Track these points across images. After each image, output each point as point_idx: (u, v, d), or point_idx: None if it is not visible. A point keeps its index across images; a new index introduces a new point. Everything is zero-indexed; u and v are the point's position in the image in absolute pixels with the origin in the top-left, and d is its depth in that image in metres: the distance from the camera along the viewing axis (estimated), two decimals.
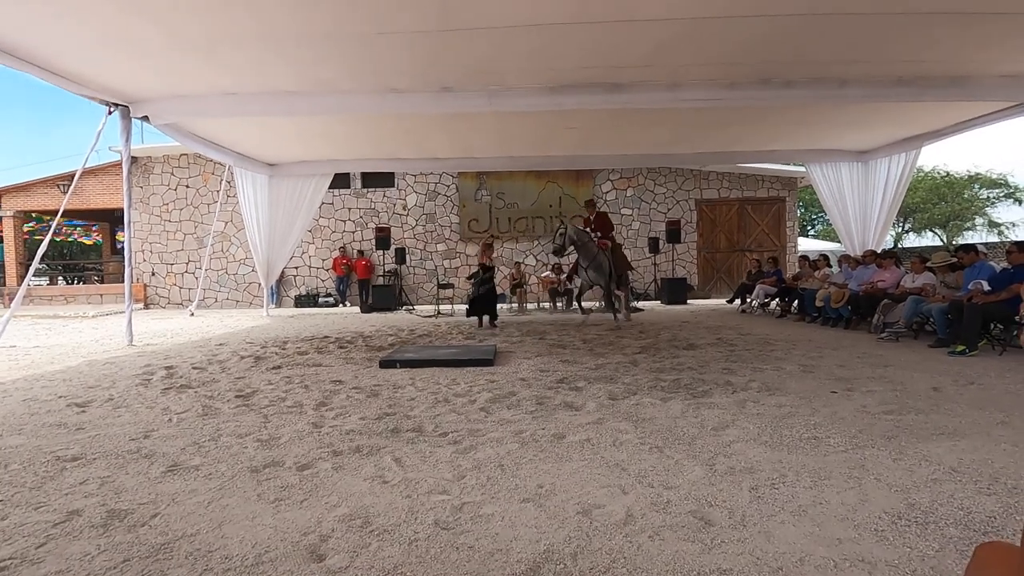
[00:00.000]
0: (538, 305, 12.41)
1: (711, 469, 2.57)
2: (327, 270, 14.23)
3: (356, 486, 2.46)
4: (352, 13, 4.90)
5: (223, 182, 12.16)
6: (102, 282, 17.93)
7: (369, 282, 13.32)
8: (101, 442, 3.13)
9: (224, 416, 3.65)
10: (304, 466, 2.71)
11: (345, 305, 13.72)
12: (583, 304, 9.21)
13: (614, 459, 2.73)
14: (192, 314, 11.86)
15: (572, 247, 8.25)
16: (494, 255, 10.04)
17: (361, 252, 13.85)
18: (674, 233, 12.56)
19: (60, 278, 20.42)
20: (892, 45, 5.82)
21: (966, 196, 21.77)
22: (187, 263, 14.20)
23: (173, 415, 3.68)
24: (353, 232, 14.25)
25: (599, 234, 8.61)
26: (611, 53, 5.91)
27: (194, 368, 5.43)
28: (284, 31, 5.22)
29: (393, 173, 13.88)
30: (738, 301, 11.13)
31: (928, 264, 6.99)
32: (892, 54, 6.07)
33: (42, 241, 7.30)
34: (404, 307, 12.45)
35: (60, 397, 4.24)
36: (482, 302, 8.62)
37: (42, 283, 18.63)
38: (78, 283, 19.26)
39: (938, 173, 22.47)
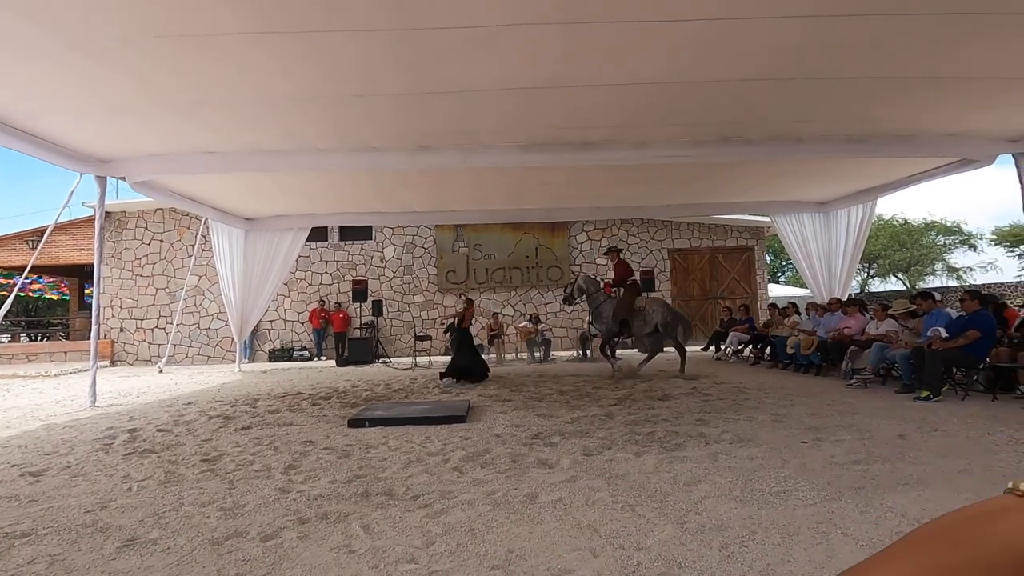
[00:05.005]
0: (516, 355, 12.40)
1: (682, 527, 2.57)
2: (303, 323, 14.07)
3: (322, 557, 2.39)
4: (330, 76, 5.07)
5: (198, 236, 12.10)
6: (68, 339, 17.40)
7: (345, 335, 13.19)
8: (54, 515, 2.99)
9: (187, 483, 3.53)
10: (268, 536, 2.63)
11: (320, 359, 13.51)
12: (607, 354, 8.49)
13: (586, 519, 2.71)
14: (161, 371, 11.53)
15: (582, 296, 8.60)
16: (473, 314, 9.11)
17: (338, 304, 13.77)
18: (648, 282, 12.78)
19: (23, 335, 19.74)
20: (843, 106, 6.22)
21: (924, 243, 22.76)
22: (158, 318, 13.92)
23: (133, 483, 3.54)
24: (330, 285, 14.19)
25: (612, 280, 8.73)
26: (581, 115, 6.20)
27: (159, 430, 5.25)
28: (264, 93, 5.37)
29: (371, 226, 14.00)
30: (713, 348, 11.30)
31: (889, 312, 7.24)
32: (844, 114, 6.48)
33: (5, 298, 7.13)
34: (381, 360, 12.30)
35: (13, 466, 4.05)
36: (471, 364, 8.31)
37: (3, 340, 17.98)
38: (42, 340, 18.65)
39: (897, 221, 23.53)
